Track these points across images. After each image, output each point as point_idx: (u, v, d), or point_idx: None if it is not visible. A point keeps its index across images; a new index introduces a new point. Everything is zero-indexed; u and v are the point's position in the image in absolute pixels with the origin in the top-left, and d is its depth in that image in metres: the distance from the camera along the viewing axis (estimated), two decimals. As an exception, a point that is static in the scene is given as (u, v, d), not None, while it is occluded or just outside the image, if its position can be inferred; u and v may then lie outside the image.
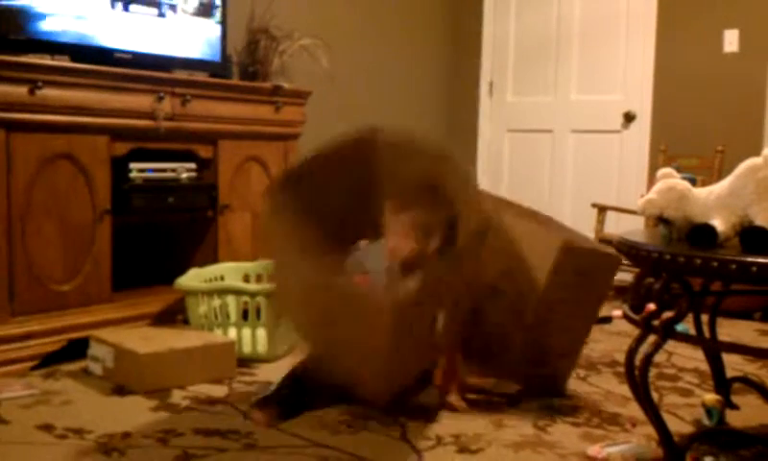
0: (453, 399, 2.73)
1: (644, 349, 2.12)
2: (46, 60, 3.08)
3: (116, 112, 3.27)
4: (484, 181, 6.02)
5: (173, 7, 3.61)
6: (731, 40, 4.96)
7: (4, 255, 2.94)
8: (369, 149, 2.68)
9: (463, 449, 2.37)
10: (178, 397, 2.78)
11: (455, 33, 6.13)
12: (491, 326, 2.82)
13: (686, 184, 2.19)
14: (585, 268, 2.78)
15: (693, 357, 3.39)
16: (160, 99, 3.41)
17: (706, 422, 2.56)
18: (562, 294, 2.75)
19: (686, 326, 2.76)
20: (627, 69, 5.37)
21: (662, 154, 4.81)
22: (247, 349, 3.23)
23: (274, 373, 2.97)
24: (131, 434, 2.41)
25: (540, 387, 2.87)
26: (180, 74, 3.64)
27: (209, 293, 3.29)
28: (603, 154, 5.42)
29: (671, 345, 2.52)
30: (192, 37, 3.74)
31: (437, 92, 6.09)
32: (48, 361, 3.08)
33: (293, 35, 4.13)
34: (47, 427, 2.46)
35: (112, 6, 3.37)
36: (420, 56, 5.89)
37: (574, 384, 3.05)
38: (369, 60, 5.38)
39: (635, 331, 2.20)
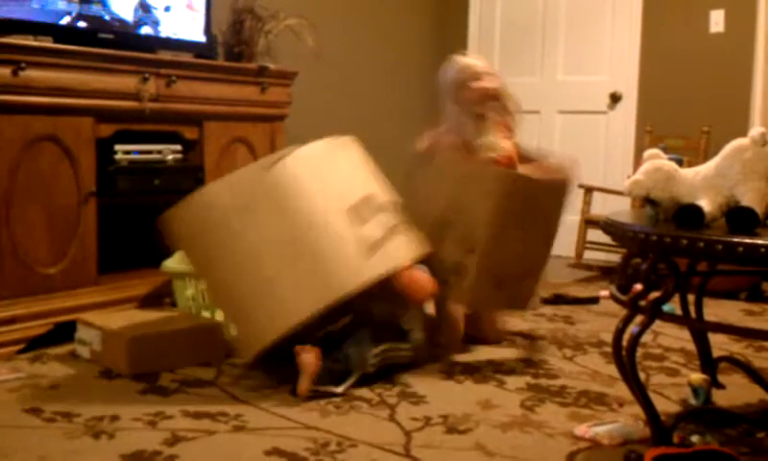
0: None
1: (631, 329, 2.13)
2: (29, 41, 3.05)
3: (101, 94, 3.24)
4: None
5: (157, -13, 3.59)
6: (717, 21, 4.97)
7: (-11, 239, 2.92)
8: None
9: (451, 430, 2.37)
10: (166, 379, 2.77)
11: (441, 13, 6.11)
12: (445, 254, 3.01)
13: (673, 165, 2.19)
14: (525, 195, 2.95)
15: (680, 337, 3.41)
16: (145, 80, 3.38)
17: (692, 401, 2.58)
18: (504, 220, 2.92)
19: (673, 306, 2.78)
20: (613, 50, 5.37)
21: (648, 134, 4.82)
22: (234, 331, 3.22)
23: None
24: (119, 417, 2.41)
25: (502, 307, 3.08)
26: (165, 55, 3.62)
27: (196, 276, 3.27)
28: (589, 134, 5.43)
29: (658, 325, 2.53)
30: (177, 17, 3.70)
31: (423, 72, 6.07)
32: (35, 345, 3.07)
33: (278, 14, 4.11)
34: (35, 411, 2.45)
35: (96, -14, 3.34)
36: (406, 36, 5.87)
37: (561, 364, 3.07)
38: (354, 39, 5.36)
39: (621, 312, 2.21)
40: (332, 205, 2.77)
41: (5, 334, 2.98)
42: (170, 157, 3.58)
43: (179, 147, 3.62)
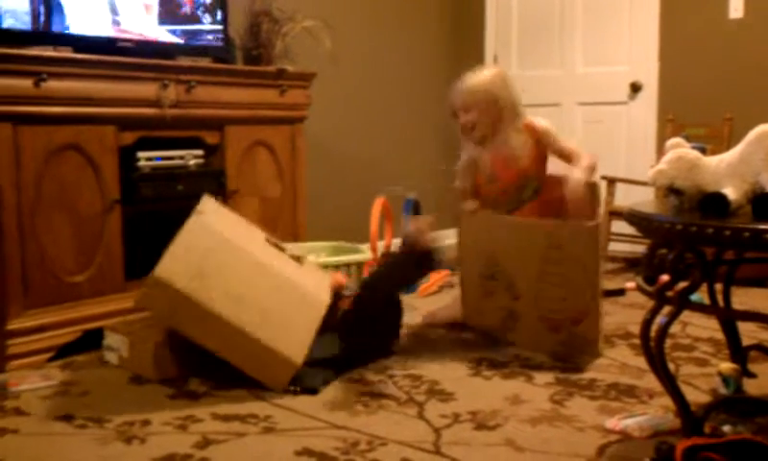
0: None
1: (659, 320, 2.12)
2: (50, 52, 3.08)
3: (122, 102, 3.27)
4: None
5: (175, -7, 3.60)
6: (736, 6, 4.92)
7: (16, 249, 2.95)
8: None
9: (480, 426, 2.37)
10: (195, 384, 2.79)
11: (457, 6, 6.10)
12: (497, 304, 3.27)
13: (697, 153, 2.18)
14: (558, 241, 3.08)
15: (708, 327, 3.39)
16: (165, 86, 3.41)
17: (723, 390, 2.56)
18: (544, 267, 3.11)
19: (700, 295, 2.75)
20: (632, 39, 5.34)
21: (670, 123, 4.78)
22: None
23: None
24: (150, 422, 2.43)
25: (567, 354, 3.07)
26: (184, 60, 3.63)
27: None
28: (611, 125, 5.40)
29: (686, 315, 2.51)
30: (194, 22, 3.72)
31: (441, 68, 6.06)
32: (64, 352, 3.10)
33: (295, 16, 4.11)
34: (67, 418, 2.47)
35: (114, -5, 3.37)
36: (423, 32, 5.86)
37: (589, 357, 3.05)
38: (372, 38, 5.36)
39: (649, 303, 2.20)
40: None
41: (35, 342, 3.01)
42: (192, 162, 3.60)
43: (200, 152, 3.64)
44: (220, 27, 3.83)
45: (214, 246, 2.82)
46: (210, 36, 3.80)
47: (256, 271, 2.86)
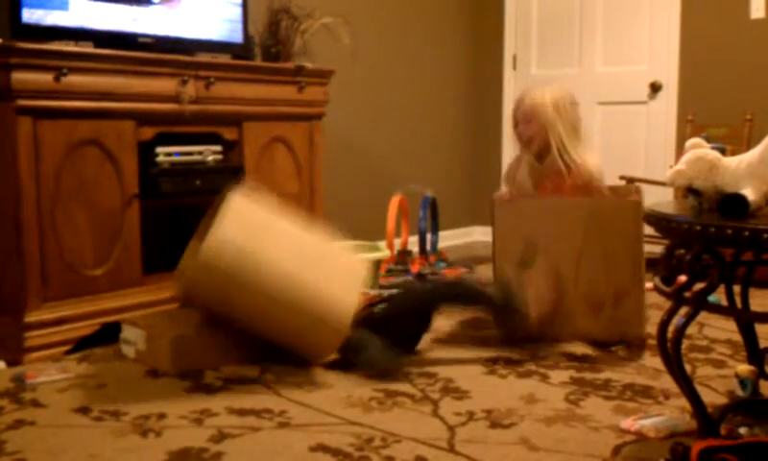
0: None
1: (676, 321, 2.11)
2: (70, 47, 3.11)
3: (141, 97, 3.29)
4: (509, 157, 5.99)
5: (195, -10, 3.62)
6: (757, 6, 4.89)
7: (35, 242, 2.97)
8: None
9: (495, 424, 2.37)
10: (211, 377, 2.80)
11: (477, 6, 6.09)
12: (536, 290, 3.18)
13: (716, 154, 2.16)
14: (600, 217, 3.12)
15: (725, 328, 3.37)
16: (184, 82, 3.42)
17: (739, 392, 2.54)
18: (584, 244, 3.13)
19: (718, 297, 2.74)
20: (652, 38, 5.32)
21: (690, 124, 4.76)
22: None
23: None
24: (166, 415, 2.44)
25: (610, 332, 3.13)
26: (203, 57, 3.65)
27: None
28: (630, 125, 5.38)
29: (703, 316, 2.50)
30: (213, 19, 3.74)
31: (460, 67, 6.06)
32: (82, 345, 3.12)
33: (314, 13, 4.12)
34: (84, 410, 2.49)
35: (135, -10, 3.39)
36: (442, 30, 5.86)
37: (605, 357, 3.04)
38: (390, 36, 5.37)
39: (666, 304, 2.19)
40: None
41: (53, 335, 3.04)
42: (210, 157, 3.61)
43: (219, 148, 3.66)
44: (239, 24, 3.85)
45: (262, 214, 2.89)
46: (230, 33, 3.81)
47: (301, 240, 2.92)
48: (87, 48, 3.17)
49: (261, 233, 2.81)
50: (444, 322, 3.42)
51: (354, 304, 2.86)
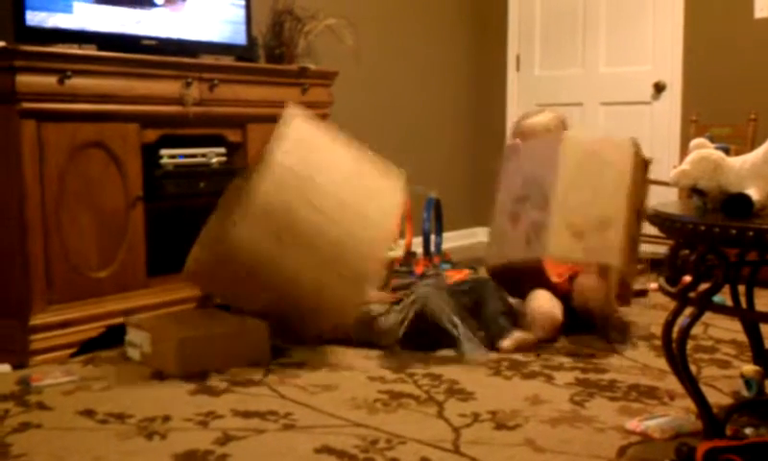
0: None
1: (681, 321, 2.11)
2: (74, 50, 3.11)
3: (145, 99, 3.29)
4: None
5: (198, -8, 3.63)
6: (762, 6, 4.88)
7: (40, 245, 2.98)
8: None
9: (500, 426, 2.37)
10: (216, 380, 2.81)
11: (480, 6, 6.09)
12: (524, 223, 3.29)
13: (720, 154, 2.16)
14: (596, 149, 3.21)
15: (730, 329, 3.36)
16: (188, 85, 3.43)
17: (745, 393, 2.54)
18: (577, 175, 3.18)
19: (723, 297, 2.73)
20: (656, 39, 5.31)
21: (694, 124, 4.75)
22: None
23: (307, 354, 3.00)
24: (171, 417, 2.44)
25: (587, 258, 3.22)
26: (207, 59, 3.66)
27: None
28: (634, 125, 5.35)
29: (708, 317, 2.50)
30: (217, 21, 3.74)
31: (463, 68, 6.06)
32: (87, 348, 3.12)
33: (318, 15, 4.13)
34: (89, 413, 2.49)
35: (138, -7, 3.39)
36: (445, 31, 5.86)
37: (610, 358, 3.04)
38: (394, 37, 5.37)
39: (671, 304, 2.18)
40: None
41: (58, 338, 3.04)
42: (214, 159, 3.62)
43: (223, 150, 3.66)
44: (243, 26, 3.85)
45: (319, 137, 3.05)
46: (234, 35, 3.82)
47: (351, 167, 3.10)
48: (91, 51, 3.18)
49: (318, 157, 2.94)
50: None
51: (392, 228, 3.08)
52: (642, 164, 3.27)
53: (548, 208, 3.18)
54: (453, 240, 5.74)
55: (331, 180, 2.94)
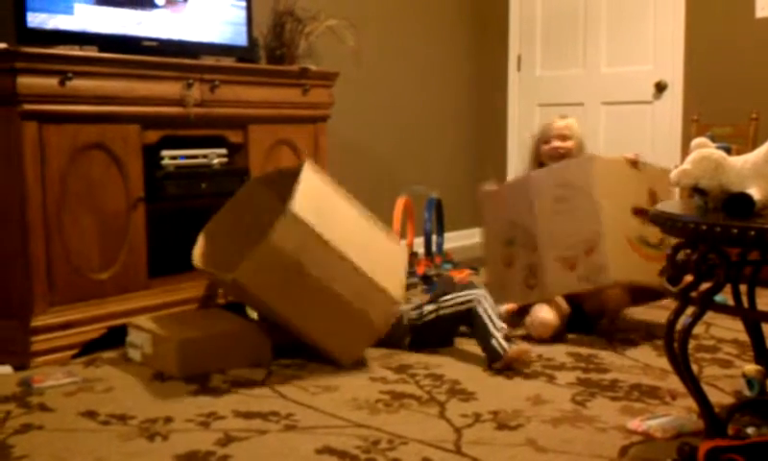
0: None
1: (682, 321, 2.11)
2: (75, 51, 3.11)
3: (146, 101, 3.29)
4: (514, 158, 5.99)
5: (199, -7, 3.63)
6: (763, 5, 4.87)
7: (41, 246, 2.98)
8: None
9: (501, 426, 2.37)
10: (217, 381, 2.81)
11: (481, 7, 6.09)
12: (518, 267, 3.45)
13: (721, 153, 2.15)
14: (564, 179, 3.34)
15: (732, 328, 3.36)
16: (189, 86, 3.43)
17: (746, 392, 2.53)
18: (553, 207, 3.33)
19: (725, 296, 2.73)
20: (657, 38, 5.30)
21: (695, 123, 4.74)
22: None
23: (309, 355, 3.00)
24: (172, 418, 2.44)
25: (584, 287, 3.28)
26: (208, 60, 3.66)
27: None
28: (635, 125, 5.36)
29: (710, 316, 2.49)
30: (218, 22, 3.75)
31: (465, 68, 6.06)
32: (88, 349, 3.13)
33: (318, 16, 4.12)
34: (90, 414, 2.50)
35: (139, -6, 3.40)
36: (446, 32, 5.86)
37: (611, 357, 3.04)
38: (395, 38, 5.37)
39: (672, 304, 2.18)
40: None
41: (60, 339, 3.04)
42: (216, 160, 3.62)
43: (224, 151, 3.66)
44: (244, 27, 3.85)
45: (326, 193, 3.05)
46: (234, 36, 3.82)
47: (358, 220, 3.12)
48: (92, 52, 3.18)
49: (329, 213, 2.94)
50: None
51: (401, 286, 3.08)
52: (617, 166, 3.37)
53: (537, 248, 3.33)
54: (454, 240, 5.73)
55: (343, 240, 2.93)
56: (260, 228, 2.97)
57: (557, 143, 3.60)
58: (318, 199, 2.94)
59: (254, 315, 3.33)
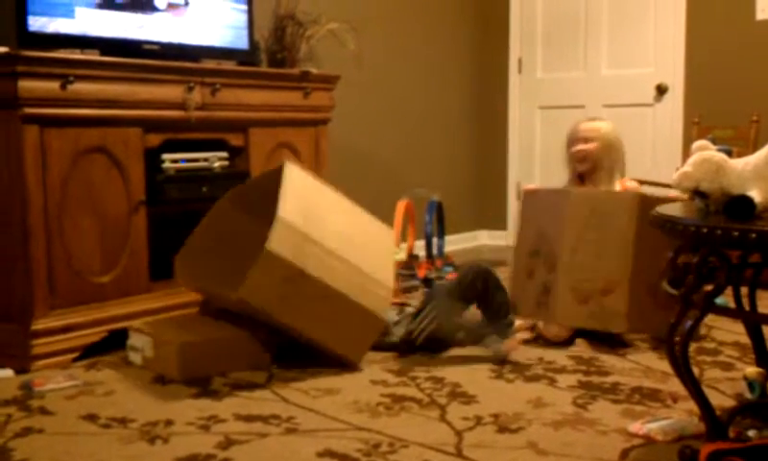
0: None
1: (684, 323, 2.10)
2: (77, 55, 3.12)
3: (147, 104, 3.29)
4: (515, 160, 5.99)
5: (200, -4, 3.64)
6: (763, 7, 4.88)
7: (43, 249, 2.98)
8: None
9: (502, 429, 2.37)
10: (218, 384, 2.80)
11: (482, 10, 6.10)
12: (536, 280, 3.34)
13: (722, 156, 2.15)
14: (600, 208, 3.20)
15: (733, 331, 3.36)
16: (190, 89, 3.43)
17: (748, 395, 2.53)
18: (582, 235, 3.22)
19: (726, 299, 2.73)
20: (657, 40, 5.31)
21: (696, 125, 4.75)
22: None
23: (307, 357, 3.00)
24: (173, 422, 2.44)
25: (588, 325, 3.23)
26: (209, 63, 3.66)
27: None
28: (636, 128, 5.36)
29: (711, 319, 2.50)
30: (219, 26, 3.75)
31: (466, 71, 6.07)
32: (89, 352, 3.13)
33: (320, 19, 4.13)
34: (91, 417, 2.50)
35: (140, -2, 3.40)
36: (447, 35, 5.86)
37: (612, 360, 3.04)
38: (396, 41, 5.37)
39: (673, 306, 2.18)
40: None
41: (61, 342, 3.04)
42: (217, 164, 3.62)
43: (225, 154, 3.66)
44: (245, 30, 3.86)
45: (310, 190, 3.03)
46: (236, 40, 3.82)
47: (345, 211, 3.11)
48: (93, 56, 3.18)
49: (316, 211, 2.93)
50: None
51: (391, 270, 3.10)
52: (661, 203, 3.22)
53: (556, 270, 3.25)
54: (455, 243, 5.74)
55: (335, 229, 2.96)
56: (239, 245, 3.02)
57: (580, 146, 3.55)
58: (303, 198, 2.93)
59: None
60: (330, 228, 2.92)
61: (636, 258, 3.13)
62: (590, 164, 3.54)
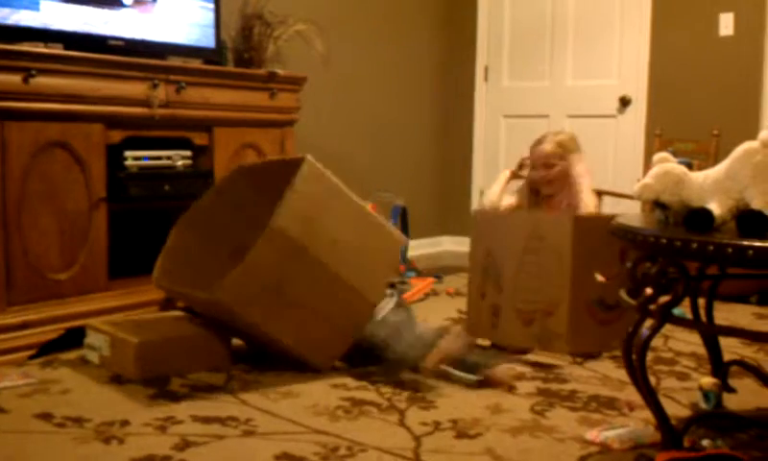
0: None
1: (641, 333, 2.13)
2: (40, 48, 3.07)
3: (111, 100, 3.26)
4: (479, 167, 6.02)
5: (167, -7, 3.60)
6: (726, 24, 4.96)
7: (0, 245, 2.93)
8: None
9: (461, 435, 2.37)
10: (176, 384, 2.78)
11: (450, 17, 6.12)
12: (487, 299, 3.37)
13: (683, 168, 2.19)
14: (540, 232, 3.22)
15: (690, 341, 3.40)
16: (155, 86, 3.40)
17: (703, 405, 2.57)
18: (524, 257, 3.25)
19: (683, 310, 2.76)
20: (623, 53, 5.37)
21: (658, 138, 4.81)
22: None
23: (267, 359, 2.98)
24: (129, 422, 2.42)
25: (534, 346, 3.23)
26: (175, 61, 3.63)
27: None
28: (599, 138, 5.41)
29: (668, 329, 2.53)
30: (185, 23, 3.72)
31: (433, 77, 6.08)
32: (46, 350, 3.08)
33: (287, 20, 4.11)
34: (46, 416, 2.46)
35: (106, -7, 3.37)
36: (415, 40, 5.87)
37: (570, 368, 3.06)
38: (363, 45, 5.37)
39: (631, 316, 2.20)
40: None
41: (16, 340, 3.00)
42: (180, 162, 3.59)
43: (188, 153, 3.64)
44: (212, 29, 3.83)
45: (321, 194, 3.00)
46: (202, 38, 3.80)
47: (352, 220, 3.09)
48: (57, 50, 3.14)
49: (319, 219, 2.91)
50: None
51: (378, 295, 3.06)
52: (597, 223, 3.18)
53: (503, 290, 3.30)
54: (419, 248, 5.75)
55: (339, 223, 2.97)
56: (240, 225, 2.99)
57: (542, 172, 3.58)
58: (310, 201, 2.90)
59: None
60: (329, 236, 2.90)
61: (573, 279, 3.15)
62: (553, 189, 3.60)
